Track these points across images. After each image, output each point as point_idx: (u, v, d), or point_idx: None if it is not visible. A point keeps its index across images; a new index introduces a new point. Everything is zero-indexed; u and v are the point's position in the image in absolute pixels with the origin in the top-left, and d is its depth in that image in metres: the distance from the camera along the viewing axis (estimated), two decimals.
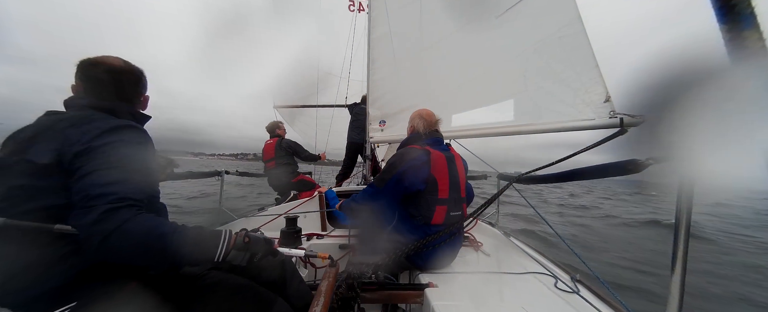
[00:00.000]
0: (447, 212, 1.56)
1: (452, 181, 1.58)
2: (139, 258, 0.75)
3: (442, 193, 1.54)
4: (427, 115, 1.73)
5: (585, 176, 1.33)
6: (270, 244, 0.97)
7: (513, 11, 2.14)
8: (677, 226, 0.73)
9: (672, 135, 0.58)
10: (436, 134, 1.71)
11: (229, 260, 0.84)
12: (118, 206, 0.70)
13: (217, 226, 2.36)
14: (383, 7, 3.11)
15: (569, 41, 1.85)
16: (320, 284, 1.05)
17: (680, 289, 0.72)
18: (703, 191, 0.69)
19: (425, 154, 1.54)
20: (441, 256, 1.56)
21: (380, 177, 1.60)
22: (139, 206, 0.74)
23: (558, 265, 1.66)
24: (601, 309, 1.21)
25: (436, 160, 1.55)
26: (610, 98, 1.69)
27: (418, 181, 1.50)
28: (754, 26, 0.38)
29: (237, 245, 0.86)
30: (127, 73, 0.97)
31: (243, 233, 0.90)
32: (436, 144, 1.66)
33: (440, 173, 1.54)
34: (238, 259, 0.86)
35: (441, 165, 1.55)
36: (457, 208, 1.62)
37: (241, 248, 0.87)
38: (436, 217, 1.53)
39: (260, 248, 0.92)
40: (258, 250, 0.91)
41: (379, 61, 3.25)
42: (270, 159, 4.04)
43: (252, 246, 0.89)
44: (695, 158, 0.58)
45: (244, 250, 0.87)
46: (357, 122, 4.56)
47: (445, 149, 1.68)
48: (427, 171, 1.51)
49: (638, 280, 3.82)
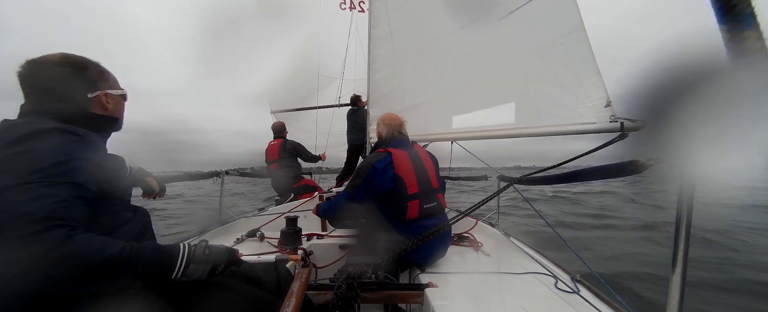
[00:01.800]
0: (420, 205, 1.63)
1: (420, 175, 1.66)
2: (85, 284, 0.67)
3: (411, 189, 1.61)
4: (389, 119, 1.86)
5: (586, 177, 1.34)
6: (232, 254, 0.93)
7: (515, 15, 2.15)
8: (678, 226, 0.73)
9: (672, 136, 0.58)
10: (399, 136, 1.81)
11: (189, 274, 0.80)
12: (40, 228, 0.59)
13: (216, 226, 2.36)
14: (383, 6, 3.11)
15: (571, 46, 1.87)
16: (292, 285, 1.05)
17: (680, 289, 0.73)
18: (703, 191, 0.70)
19: (388, 155, 1.65)
20: (433, 250, 1.62)
21: (352, 183, 1.70)
22: (70, 225, 0.64)
23: (558, 265, 1.66)
24: (602, 309, 1.21)
25: (399, 159, 1.64)
26: (611, 103, 1.70)
27: (386, 181, 1.60)
28: (754, 26, 0.38)
29: (196, 258, 0.81)
30: (61, 68, 0.82)
31: (202, 245, 0.86)
32: (400, 145, 1.75)
33: (405, 171, 1.62)
34: (198, 272, 0.82)
35: (404, 163, 1.64)
36: (430, 200, 1.68)
37: (200, 261, 0.82)
38: (411, 212, 1.61)
39: (221, 259, 0.88)
40: (219, 262, 0.87)
41: (379, 61, 3.25)
42: (274, 160, 4.02)
43: (212, 258, 0.85)
44: (696, 158, 0.58)
45: (204, 263, 0.83)
46: (356, 126, 4.55)
47: (407, 147, 1.76)
48: (391, 172, 1.61)
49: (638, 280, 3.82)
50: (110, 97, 0.91)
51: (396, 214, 1.62)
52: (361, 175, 1.64)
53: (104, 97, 0.89)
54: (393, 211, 1.63)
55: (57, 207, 0.63)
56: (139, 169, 1.18)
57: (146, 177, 1.18)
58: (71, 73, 0.83)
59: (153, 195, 1.20)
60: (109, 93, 0.90)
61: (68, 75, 0.82)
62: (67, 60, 0.83)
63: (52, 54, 0.82)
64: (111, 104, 0.91)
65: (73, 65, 0.83)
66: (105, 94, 0.89)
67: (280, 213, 2.42)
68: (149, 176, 1.19)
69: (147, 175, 1.19)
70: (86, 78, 0.86)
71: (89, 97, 0.86)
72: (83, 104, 0.85)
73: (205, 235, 2.18)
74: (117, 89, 0.93)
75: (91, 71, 0.87)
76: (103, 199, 0.78)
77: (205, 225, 2.37)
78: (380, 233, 1.60)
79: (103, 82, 0.89)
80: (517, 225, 6.32)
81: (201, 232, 2.21)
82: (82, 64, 0.85)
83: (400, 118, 1.88)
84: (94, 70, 0.88)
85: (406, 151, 1.71)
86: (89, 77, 0.86)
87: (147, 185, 1.18)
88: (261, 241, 2.09)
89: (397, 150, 1.68)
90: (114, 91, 0.92)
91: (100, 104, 0.88)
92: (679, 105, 0.54)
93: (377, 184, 1.59)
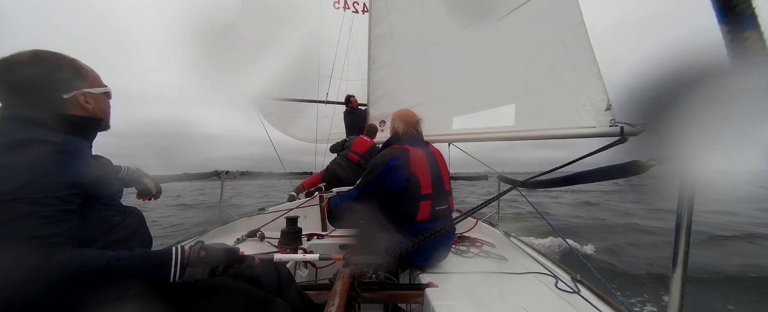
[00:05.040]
0: (432, 207, 1.60)
1: (434, 176, 1.62)
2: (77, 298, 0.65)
3: (424, 189, 1.58)
4: (405, 116, 1.79)
5: (587, 179, 1.33)
6: (232, 253, 0.91)
7: (515, 15, 2.15)
8: (678, 227, 0.73)
9: (673, 136, 0.58)
10: (415, 134, 1.76)
11: (187, 277, 0.78)
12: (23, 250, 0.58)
13: (218, 226, 2.36)
14: (384, 7, 3.12)
15: (572, 46, 1.86)
16: (335, 284, 1.05)
17: (681, 289, 0.73)
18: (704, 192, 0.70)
19: (404, 152, 1.59)
20: (434, 251, 1.59)
21: (364, 179, 1.65)
22: (55, 242, 0.62)
23: (558, 265, 1.66)
24: (602, 309, 1.21)
25: (415, 157, 1.59)
26: (612, 106, 1.69)
27: (400, 179, 1.54)
28: (754, 26, 0.38)
29: (191, 262, 0.80)
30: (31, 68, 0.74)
31: (197, 247, 0.84)
32: (416, 143, 1.70)
33: (421, 170, 1.58)
34: (197, 275, 0.80)
35: (421, 162, 1.60)
36: (442, 202, 1.66)
37: (197, 264, 0.81)
38: (422, 213, 1.57)
39: (219, 260, 0.86)
40: (218, 262, 0.85)
41: (379, 61, 3.25)
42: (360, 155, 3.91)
43: (209, 259, 0.83)
44: (696, 159, 0.58)
45: (202, 265, 0.81)
46: (354, 127, 4.57)
47: (424, 146, 1.72)
48: (407, 169, 1.55)
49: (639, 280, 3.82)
50: (90, 96, 0.83)
51: (406, 214, 1.57)
52: (374, 172, 1.59)
53: (82, 96, 0.81)
54: (404, 210, 1.58)
55: (37, 225, 0.61)
56: (137, 169, 1.16)
57: (143, 178, 1.15)
58: (43, 73, 0.76)
59: (149, 196, 1.17)
60: (89, 92, 0.83)
61: (40, 75, 0.75)
62: (38, 58, 0.76)
63: (23, 52, 0.75)
64: (92, 104, 0.83)
65: (44, 64, 0.76)
66: (83, 93, 0.81)
67: (281, 213, 2.42)
68: (146, 177, 1.16)
69: (144, 176, 1.16)
70: (60, 78, 0.78)
71: (65, 98, 0.78)
72: (58, 106, 0.78)
73: (205, 235, 2.18)
74: (98, 86, 0.86)
75: (65, 70, 0.79)
76: (90, 206, 0.76)
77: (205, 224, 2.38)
78: (381, 233, 1.59)
79: (79, 80, 0.82)
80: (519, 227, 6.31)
81: (201, 233, 2.21)
82: (54, 63, 0.78)
83: (417, 115, 1.81)
84: (69, 67, 0.80)
85: (423, 150, 1.66)
86: (63, 77, 0.79)
87: (144, 186, 1.15)
88: (261, 241, 2.09)
89: (414, 148, 1.63)
90: (94, 89, 0.84)
91: (78, 105, 0.81)
92: (680, 105, 0.54)
93: (389, 182, 1.54)
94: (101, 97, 0.87)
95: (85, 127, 0.83)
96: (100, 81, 0.88)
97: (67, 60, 0.80)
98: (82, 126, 0.82)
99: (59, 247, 0.63)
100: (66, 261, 0.62)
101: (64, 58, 0.80)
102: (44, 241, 0.61)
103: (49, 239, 0.62)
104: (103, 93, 0.88)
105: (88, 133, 0.86)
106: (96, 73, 0.87)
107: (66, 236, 0.66)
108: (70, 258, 0.63)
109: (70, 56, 0.82)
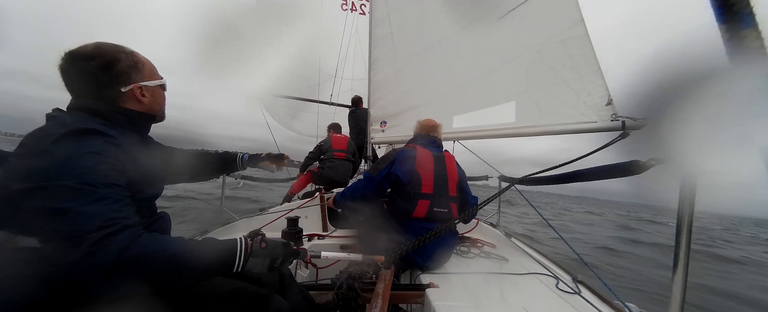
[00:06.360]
0: (430, 207, 1.64)
1: (438, 177, 1.69)
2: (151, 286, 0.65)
3: (425, 188, 1.64)
4: (424, 122, 1.99)
5: (587, 177, 1.33)
6: (288, 246, 0.90)
7: (515, 13, 2.14)
8: (679, 227, 0.73)
9: (673, 135, 0.58)
10: (428, 137, 1.90)
11: (248, 269, 0.78)
12: (110, 232, 0.59)
13: (218, 226, 2.36)
14: (384, 7, 3.12)
15: (572, 44, 1.85)
16: (377, 286, 1.07)
17: (682, 290, 0.72)
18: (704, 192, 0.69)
19: (413, 150, 1.74)
20: (434, 252, 1.60)
21: (375, 167, 1.77)
22: (133, 227, 0.64)
23: (559, 266, 1.65)
24: (603, 310, 1.21)
25: (422, 156, 1.70)
26: (613, 101, 1.69)
27: (404, 172, 1.65)
28: (753, 26, 0.38)
29: (254, 252, 0.80)
30: (92, 61, 0.76)
31: (259, 239, 0.83)
32: (428, 145, 1.83)
33: (424, 169, 1.66)
34: (258, 266, 0.80)
35: (426, 161, 1.69)
36: (442, 205, 1.69)
37: (258, 255, 0.80)
38: (418, 210, 1.63)
39: (279, 252, 0.85)
40: (278, 255, 0.84)
41: (380, 61, 3.25)
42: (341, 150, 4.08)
43: (270, 251, 0.83)
44: (696, 159, 0.58)
45: (263, 257, 0.81)
46: (356, 127, 4.63)
47: (435, 149, 1.82)
48: (412, 165, 1.66)
49: None
50: (146, 89, 0.84)
51: (404, 209, 1.64)
52: (386, 160, 1.72)
53: (138, 90, 0.83)
54: (402, 206, 1.65)
55: (110, 210, 0.62)
56: (250, 156, 1.27)
57: (259, 162, 1.28)
58: (103, 66, 0.77)
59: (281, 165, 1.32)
60: (145, 85, 0.84)
61: (100, 68, 0.77)
62: (99, 50, 0.77)
63: (86, 45, 0.77)
64: (147, 97, 0.85)
65: (105, 57, 0.77)
66: (139, 87, 0.83)
67: (282, 213, 2.42)
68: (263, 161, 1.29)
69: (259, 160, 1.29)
70: (119, 71, 0.79)
71: (122, 91, 0.80)
72: (116, 100, 0.80)
73: (205, 235, 2.18)
74: (154, 79, 0.87)
75: (124, 63, 0.80)
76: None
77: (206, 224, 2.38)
78: (381, 234, 1.59)
79: (136, 74, 0.83)
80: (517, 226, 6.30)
81: (202, 233, 2.21)
82: (113, 56, 0.79)
83: (436, 123, 1.99)
84: (128, 60, 0.81)
85: (432, 152, 1.77)
86: (122, 70, 0.80)
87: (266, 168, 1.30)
88: None
89: (423, 149, 1.76)
90: (150, 82, 0.85)
91: (134, 98, 0.83)
92: (680, 105, 0.54)
93: (398, 171, 1.65)
94: (157, 89, 0.89)
95: (138, 121, 0.85)
96: (156, 73, 0.89)
97: (126, 53, 0.81)
98: (136, 120, 0.84)
99: (138, 230, 0.64)
100: (150, 244, 0.63)
101: (123, 51, 0.81)
102: (126, 226, 0.62)
103: (129, 222, 0.64)
104: (159, 86, 0.89)
105: (142, 128, 0.89)
106: (152, 65, 0.88)
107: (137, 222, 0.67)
108: (153, 241, 0.64)
109: (130, 49, 0.83)
